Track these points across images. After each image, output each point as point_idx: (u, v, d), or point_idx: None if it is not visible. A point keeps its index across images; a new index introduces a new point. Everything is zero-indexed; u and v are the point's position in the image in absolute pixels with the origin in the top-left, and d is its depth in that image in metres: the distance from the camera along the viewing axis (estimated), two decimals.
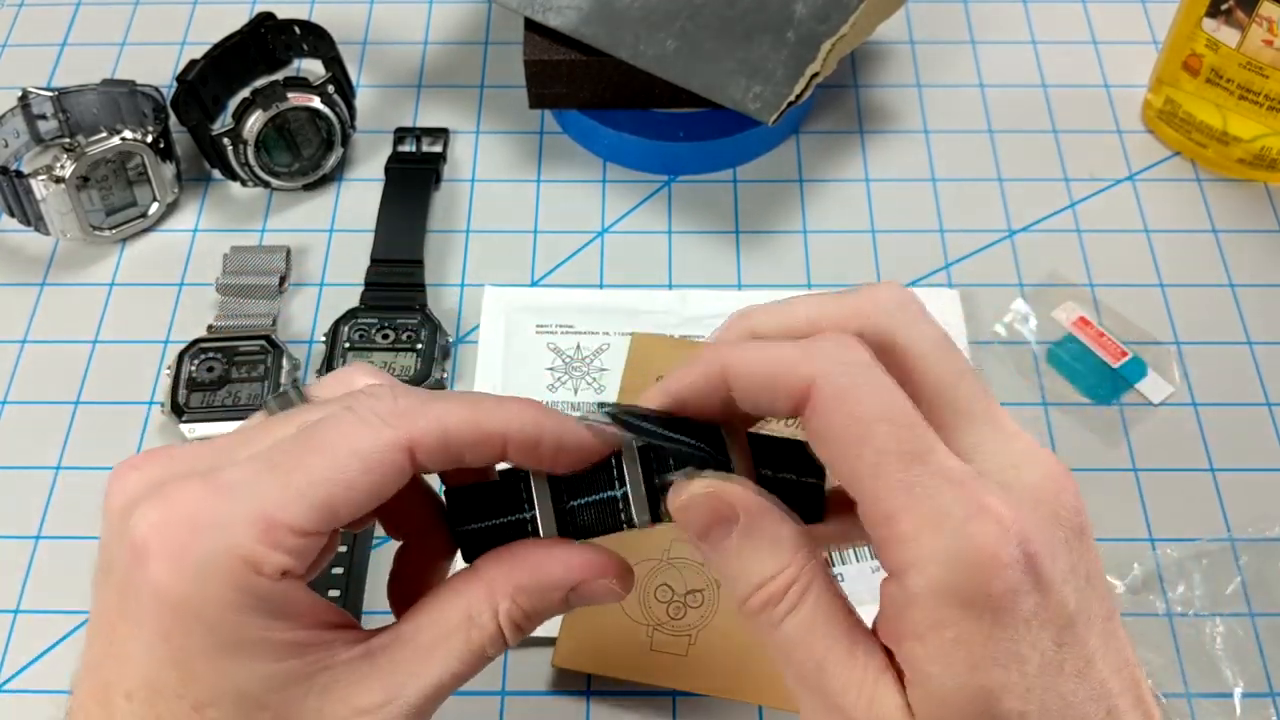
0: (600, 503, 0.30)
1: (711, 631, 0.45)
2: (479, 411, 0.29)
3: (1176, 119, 0.59)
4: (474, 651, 0.29)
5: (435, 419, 0.28)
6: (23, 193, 0.53)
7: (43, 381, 0.53)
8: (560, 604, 0.30)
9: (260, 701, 0.27)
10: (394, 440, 0.27)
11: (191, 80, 0.57)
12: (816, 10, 0.54)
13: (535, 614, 0.30)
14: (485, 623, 0.29)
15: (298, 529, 0.27)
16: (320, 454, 0.27)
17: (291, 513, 0.27)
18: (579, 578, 0.30)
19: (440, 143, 0.60)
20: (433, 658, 0.29)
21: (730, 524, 0.27)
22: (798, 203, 0.58)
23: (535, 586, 0.30)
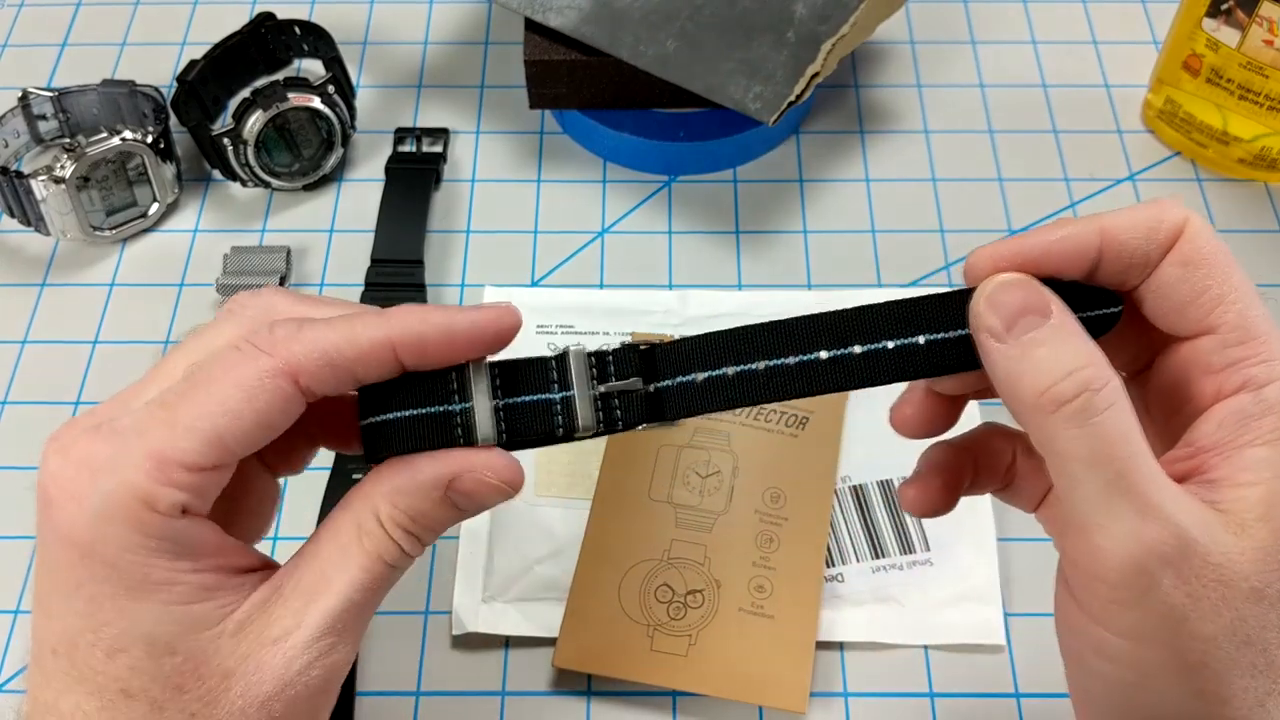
0: (536, 405, 0.29)
1: (711, 631, 0.45)
2: (356, 327, 0.28)
3: (1177, 119, 0.59)
4: (371, 561, 0.29)
5: (312, 342, 0.28)
6: (23, 193, 0.53)
7: (43, 381, 0.53)
8: (443, 505, 0.29)
9: (169, 646, 0.28)
10: (272, 367, 0.28)
11: (192, 80, 0.57)
12: (816, 10, 0.54)
13: (419, 515, 0.29)
14: (372, 529, 0.29)
15: (188, 463, 0.27)
16: (204, 389, 0.28)
17: (181, 448, 0.27)
18: (451, 471, 0.29)
19: (440, 143, 0.60)
20: (333, 576, 0.29)
21: (1043, 315, 0.27)
22: (798, 203, 0.58)
23: (409, 486, 0.29)
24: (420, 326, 0.28)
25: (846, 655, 0.46)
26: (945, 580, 0.47)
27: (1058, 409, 0.26)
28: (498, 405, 0.29)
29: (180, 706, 0.28)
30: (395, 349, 0.28)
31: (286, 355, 0.28)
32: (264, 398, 0.28)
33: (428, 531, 0.30)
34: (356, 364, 0.28)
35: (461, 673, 0.46)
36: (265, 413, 0.28)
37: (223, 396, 0.27)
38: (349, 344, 0.28)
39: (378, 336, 0.28)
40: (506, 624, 0.46)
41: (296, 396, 0.28)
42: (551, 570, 0.47)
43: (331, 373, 0.28)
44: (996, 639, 0.46)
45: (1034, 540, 0.48)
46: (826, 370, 0.29)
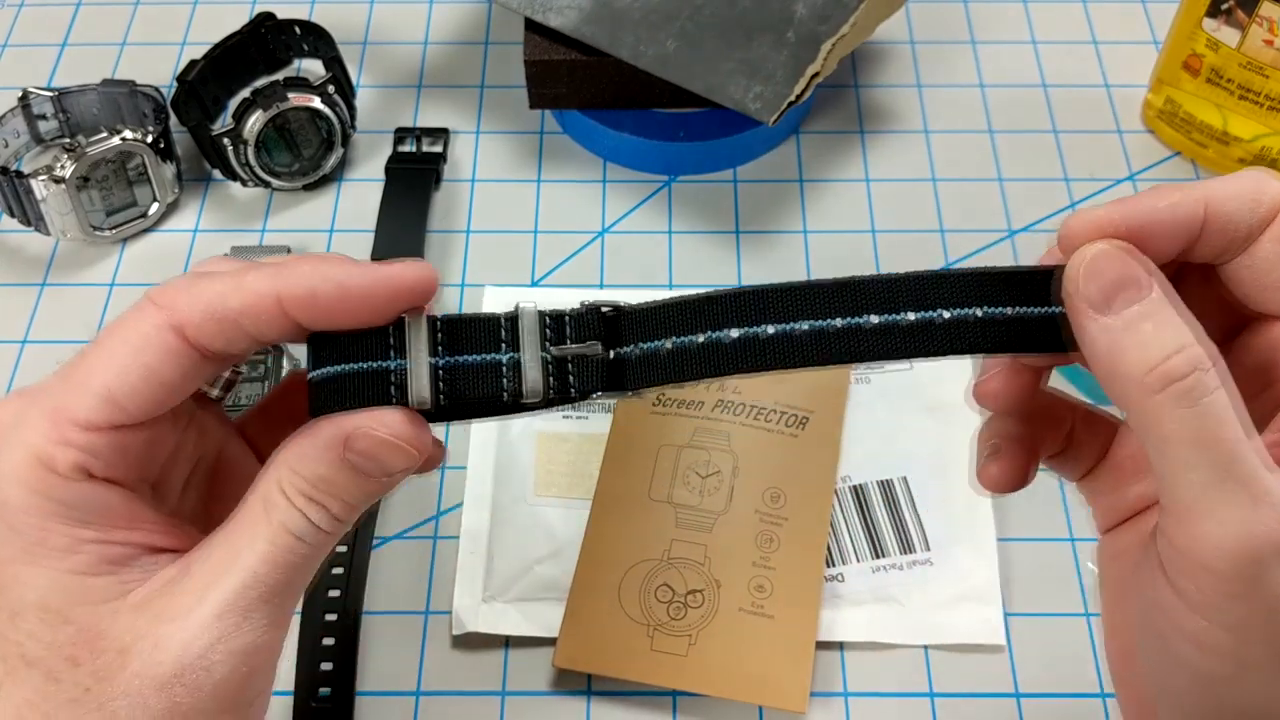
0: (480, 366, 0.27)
1: (711, 631, 0.45)
2: (244, 278, 0.27)
3: (1177, 119, 0.59)
4: (276, 534, 0.27)
5: (197, 293, 0.27)
6: (23, 193, 0.53)
7: None
8: (344, 468, 0.27)
9: (63, 615, 0.27)
10: (157, 319, 0.27)
11: (192, 80, 0.57)
12: (816, 10, 0.54)
13: (320, 482, 0.27)
14: (276, 500, 0.27)
15: (82, 421, 0.26)
16: (99, 347, 0.27)
17: (74, 406, 0.26)
18: (345, 430, 0.27)
19: (440, 143, 0.60)
20: (238, 551, 0.27)
21: (1145, 287, 0.25)
22: (798, 203, 0.58)
23: (309, 450, 0.27)
24: (310, 278, 0.27)
25: (846, 655, 0.46)
26: (945, 580, 0.47)
27: (1165, 387, 0.25)
28: (436, 364, 0.27)
29: (75, 680, 0.26)
30: (283, 302, 0.27)
31: (172, 308, 0.27)
32: (150, 351, 0.27)
33: (336, 501, 0.27)
34: (242, 316, 0.27)
35: (461, 673, 0.46)
36: (153, 367, 0.27)
37: (112, 353, 0.27)
38: (234, 294, 0.27)
39: (262, 288, 0.27)
40: (506, 624, 0.46)
41: (184, 350, 0.27)
42: (551, 570, 0.47)
43: (217, 325, 0.27)
44: (996, 639, 0.46)
45: (1034, 540, 0.48)
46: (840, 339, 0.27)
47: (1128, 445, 0.32)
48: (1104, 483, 0.32)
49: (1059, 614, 0.47)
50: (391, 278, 0.27)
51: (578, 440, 0.49)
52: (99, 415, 0.27)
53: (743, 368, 0.27)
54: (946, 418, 0.50)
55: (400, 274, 0.27)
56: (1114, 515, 0.32)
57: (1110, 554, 0.32)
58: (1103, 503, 0.32)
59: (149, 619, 0.27)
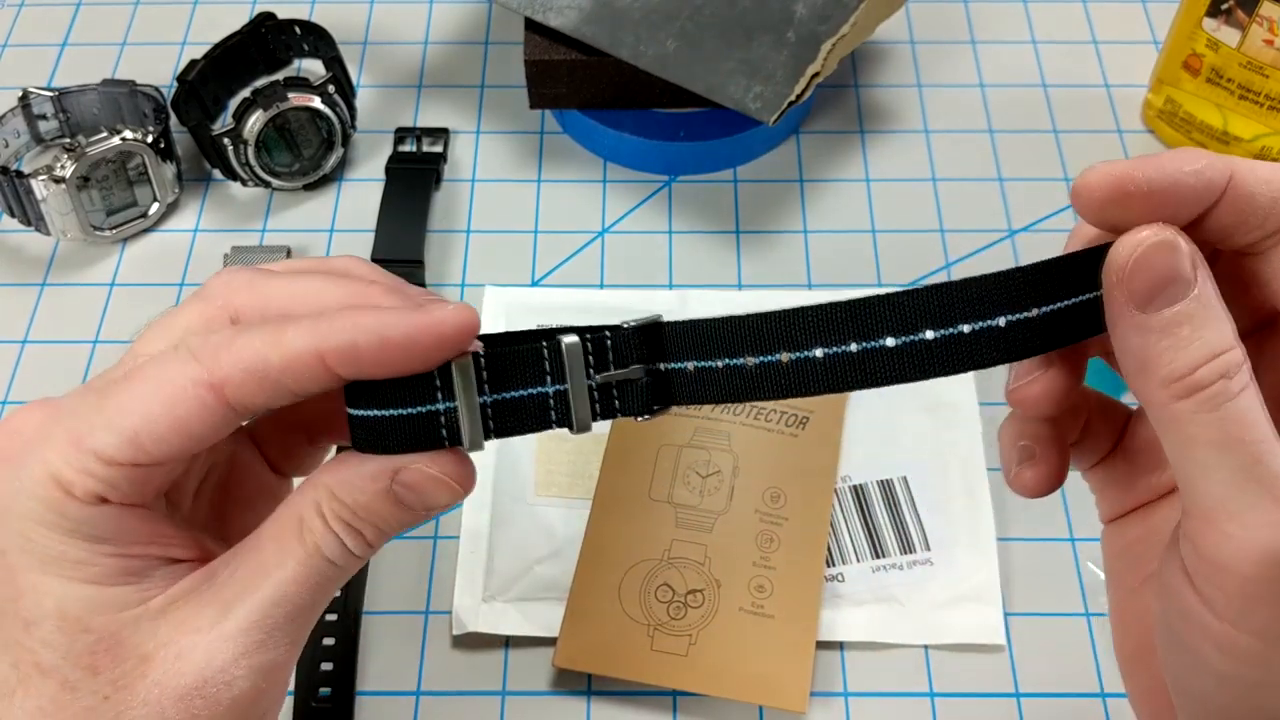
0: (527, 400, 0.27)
1: (711, 631, 0.45)
2: (284, 335, 0.26)
3: (1177, 119, 0.59)
4: (309, 556, 0.27)
5: (238, 352, 0.26)
6: (23, 193, 0.53)
7: (43, 381, 0.53)
8: (387, 499, 0.27)
9: (83, 623, 0.26)
10: (196, 376, 0.26)
11: (192, 80, 0.57)
12: (816, 10, 0.54)
13: (362, 509, 0.27)
14: (314, 523, 0.27)
15: (104, 457, 0.26)
16: (134, 386, 0.27)
17: (99, 440, 0.26)
18: (396, 464, 0.27)
19: (440, 143, 0.60)
20: (269, 569, 0.27)
21: (1186, 285, 0.24)
22: (798, 203, 0.58)
23: (354, 478, 0.27)
24: (352, 333, 0.26)
25: (846, 655, 0.46)
26: (945, 580, 0.47)
27: (1191, 395, 0.24)
28: (484, 403, 0.27)
29: (93, 688, 0.26)
30: (324, 358, 0.26)
31: (213, 366, 0.26)
32: (184, 407, 0.26)
33: (372, 529, 0.28)
34: (284, 374, 0.26)
35: (461, 673, 0.46)
36: (184, 421, 0.26)
37: (145, 398, 0.26)
38: (274, 351, 0.26)
39: (303, 345, 0.26)
40: (506, 624, 0.46)
41: (219, 409, 0.27)
42: (551, 570, 0.47)
43: (258, 384, 0.26)
44: (996, 639, 0.46)
45: (1034, 540, 0.48)
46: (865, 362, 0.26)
47: (1141, 434, 0.31)
48: (1117, 472, 0.31)
49: (1059, 614, 0.47)
50: (433, 327, 0.26)
51: (578, 440, 0.49)
52: (120, 454, 0.26)
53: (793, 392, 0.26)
54: (946, 418, 0.50)
55: (442, 322, 0.26)
56: (1122, 505, 0.31)
57: (1118, 547, 0.31)
58: (1112, 492, 0.32)
59: (171, 627, 0.27)
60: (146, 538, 0.28)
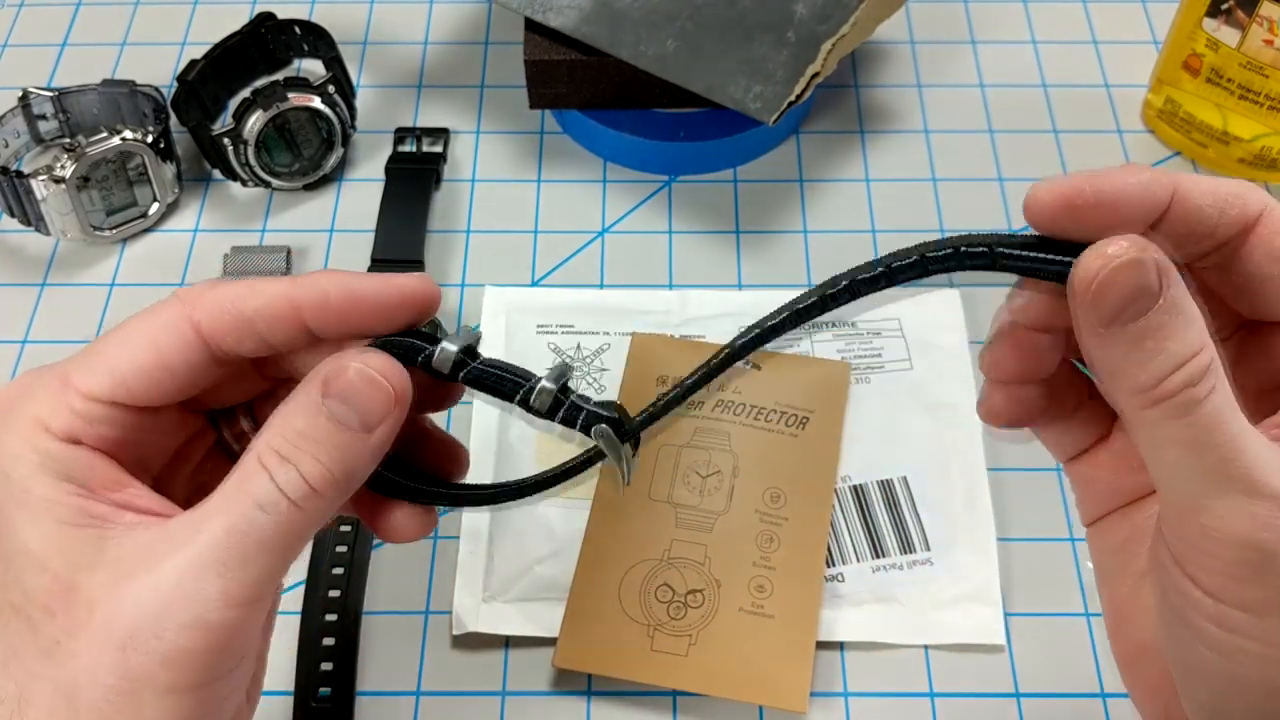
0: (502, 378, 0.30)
1: (711, 631, 0.45)
2: (262, 281, 0.29)
3: (1177, 119, 0.59)
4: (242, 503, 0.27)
5: (219, 291, 0.29)
6: (23, 193, 0.53)
7: None
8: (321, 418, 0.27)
9: (41, 562, 0.27)
10: (178, 312, 0.29)
11: (192, 80, 0.57)
12: (816, 10, 0.54)
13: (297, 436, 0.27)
14: (250, 469, 0.27)
15: (85, 391, 0.28)
16: (118, 329, 0.29)
17: (81, 376, 0.28)
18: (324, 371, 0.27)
19: (440, 143, 0.60)
20: (205, 518, 0.27)
21: (1151, 297, 0.25)
22: (798, 203, 0.58)
23: (288, 405, 0.28)
24: (321, 283, 0.29)
25: (846, 655, 0.46)
26: (945, 580, 0.47)
27: (1160, 403, 0.25)
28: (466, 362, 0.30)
29: (49, 633, 0.26)
30: (297, 304, 0.28)
31: (194, 303, 0.29)
32: (163, 337, 0.28)
33: (310, 460, 0.27)
34: (257, 316, 0.28)
35: (461, 673, 0.46)
36: (163, 351, 0.28)
37: (127, 334, 0.29)
38: (251, 295, 0.29)
39: (279, 289, 0.29)
40: (506, 624, 0.46)
41: (196, 342, 0.29)
42: (551, 570, 0.47)
43: (231, 321, 0.28)
44: (996, 639, 0.46)
45: (1034, 540, 0.48)
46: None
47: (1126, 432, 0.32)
48: (1102, 469, 0.32)
49: (1059, 614, 0.47)
50: (395, 284, 0.29)
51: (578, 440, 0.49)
52: (100, 387, 0.28)
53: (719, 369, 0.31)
54: (946, 418, 0.50)
55: (404, 283, 0.29)
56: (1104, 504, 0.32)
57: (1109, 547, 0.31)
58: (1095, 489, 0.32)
59: (117, 574, 0.27)
60: (114, 485, 0.28)
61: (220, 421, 0.33)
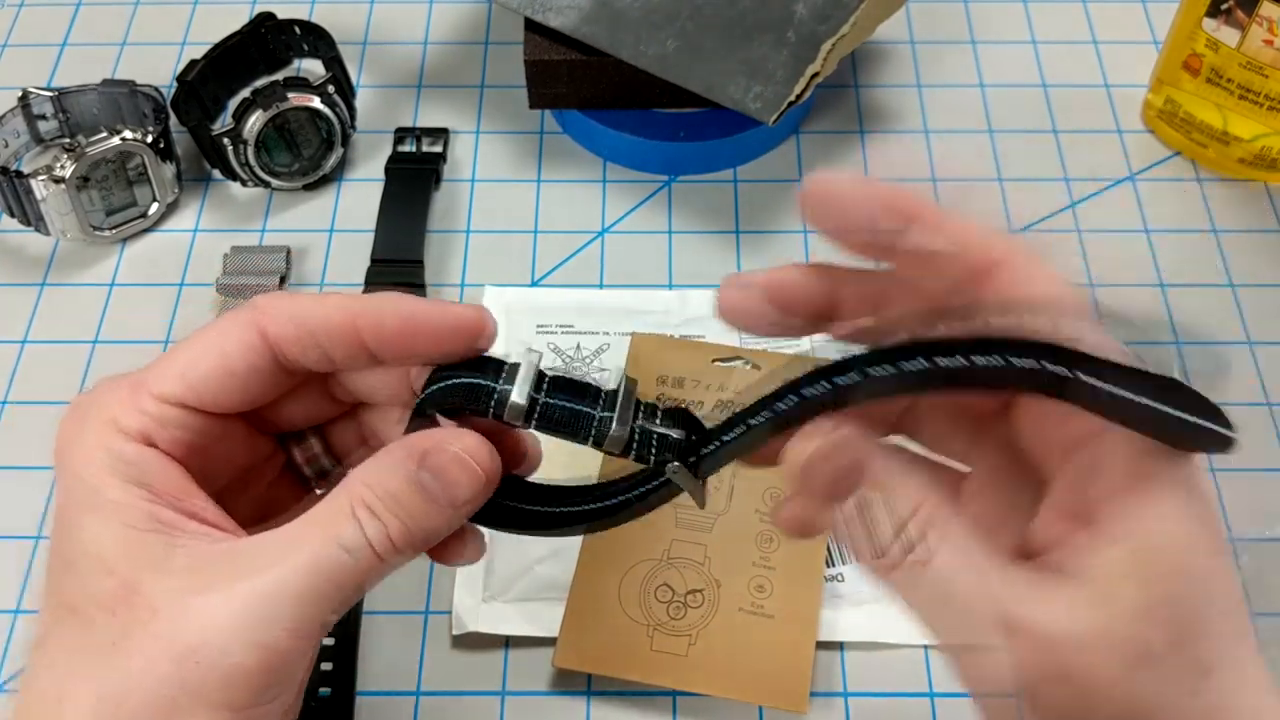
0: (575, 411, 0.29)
1: (711, 631, 0.45)
2: (328, 296, 0.30)
3: (1177, 119, 0.59)
4: (326, 542, 0.28)
5: (288, 301, 0.30)
6: (23, 193, 0.53)
7: (43, 381, 0.53)
8: (412, 486, 0.28)
9: (109, 565, 0.27)
10: (248, 318, 0.30)
11: (191, 80, 0.57)
12: (816, 10, 0.54)
13: (387, 496, 0.28)
14: (337, 508, 0.28)
15: (156, 393, 0.29)
16: (191, 336, 0.30)
17: (153, 379, 0.29)
18: (423, 446, 0.28)
19: (440, 143, 0.60)
20: (285, 549, 0.28)
21: (855, 481, 0.26)
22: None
23: (382, 462, 0.28)
24: (383, 305, 0.29)
25: (846, 655, 0.46)
26: None
27: (892, 572, 0.26)
28: (536, 398, 0.29)
29: (106, 633, 0.27)
30: (356, 322, 0.29)
31: (263, 310, 0.30)
32: (230, 342, 0.29)
33: (395, 521, 0.28)
34: (319, 329, 0.29)
35: (461, 673, 0.46)
36: (229, 355, 0.29)
37: (198, 340, 0.30)
38: (316, 306, 0.30)
39: (341, 305, 0.30)
40: (506, 624, 0.46)
41: (262, 348, 0.30)
42: (551, 570, 0.47)
43: (295, 331, 0.29)
44: None
45: None
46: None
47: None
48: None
49: None
50: (452, 314, 0.30)
51: None
52: (171, 389, 0.29)
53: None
54: None
55: (460, 311, 0.30)
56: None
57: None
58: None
59: (183, 588, 0.27)
60: (181, 493, 0.29)
61: (290, 443, 0.34)
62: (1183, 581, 0.24)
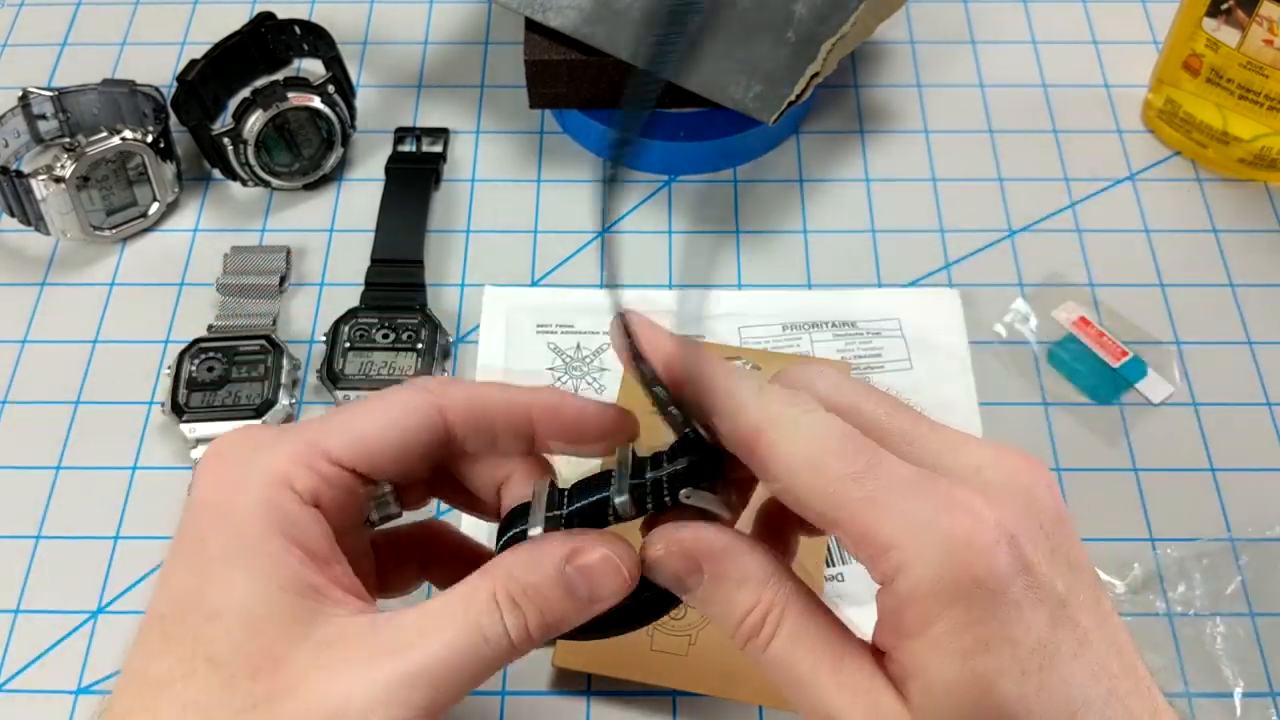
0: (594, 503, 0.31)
1: (711, 631, 0.45)
2: (503, 386, 0.32)
3: (1177, 119, 0.59)
4: (468, 628, 0.28)
5: (466, 385, 0.32)
6: (23, 193, 0.53)
7: (43, 381, 0.53)
8: (558, 584, 0.29)
9: (258, 626, 0.27)
10: (426, 399, 0.31)
11: (192, 80, 0.57)
12: (816, 10, 0.54)
13: (530, 589, 0.29)
14: (480, 596, 0.29)
15: (331, 455, 0.30)
16: (369, 404, 0.31)
17: (328, 439, 0.30)
18: (573, 545, 0.29)
19: (440, 143, 0.60)
20: (427, 631, 0.28)
21: (698, 573, 0.29)
22: (798, 203, 0.58)
23: (528, 557, 0.29)
24: (557, 397, 0.32)
25: None
26: None
27: (746, 646, 0.29)
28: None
29: (248, 693, 0.27)
30: (531, 410, 0.32)
31: (440, 392, 0.31)
32: (410, 414, 0.31)
33: (536, 613, 0.29)
34: (497, 413, 0.31)
35: None
36: (410, 429, 0.31)
37: (374, 409, 0.31)
38: (496, 394, 0.32)
39: (518, 395, 0.32)
40: None
41: (441, 425, 0.31)
42: None
43: (474, 416, 0.31)
44: None
45: None
46: None
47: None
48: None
49: None
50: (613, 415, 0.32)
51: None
52: (347, 454, 0.30)
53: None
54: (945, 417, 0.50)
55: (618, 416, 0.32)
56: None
57: None
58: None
59: (324, 663, 0.27)
60: (329, 558, 0.29)
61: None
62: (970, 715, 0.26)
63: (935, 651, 0.26)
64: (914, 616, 0.26)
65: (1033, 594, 0.26)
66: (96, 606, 0.47)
